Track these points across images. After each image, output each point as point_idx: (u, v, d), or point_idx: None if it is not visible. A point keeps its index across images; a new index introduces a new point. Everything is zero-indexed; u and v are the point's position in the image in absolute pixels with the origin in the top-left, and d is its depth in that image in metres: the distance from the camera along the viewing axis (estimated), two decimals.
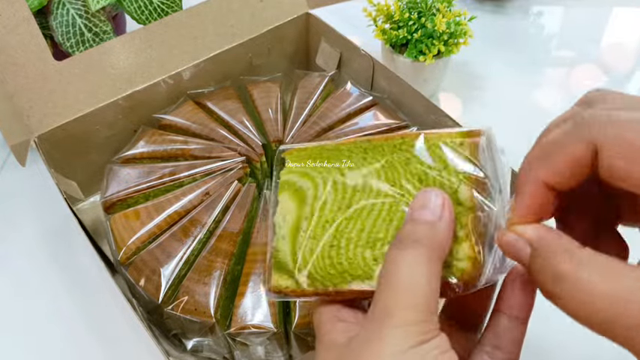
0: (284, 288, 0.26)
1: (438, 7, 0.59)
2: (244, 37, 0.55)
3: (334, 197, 0.26)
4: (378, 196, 0.25)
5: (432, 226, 0.22)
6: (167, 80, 0.51)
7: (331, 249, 0.25)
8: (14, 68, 0.43)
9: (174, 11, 0.56)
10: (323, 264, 0.25)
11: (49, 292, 0.47)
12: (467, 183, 0.23)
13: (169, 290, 0.39)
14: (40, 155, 0.45)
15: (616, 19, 0.77)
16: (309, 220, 0.26)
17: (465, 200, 0.23)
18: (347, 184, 0.26)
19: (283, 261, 0.26)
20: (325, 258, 0.25)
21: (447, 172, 0.24)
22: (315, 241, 0.25)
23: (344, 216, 0.25)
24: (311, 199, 0.26)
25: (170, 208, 0.42)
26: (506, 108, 0.64)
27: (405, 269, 0.22)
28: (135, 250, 0.41)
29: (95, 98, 0.48)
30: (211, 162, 0.45)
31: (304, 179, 0.27)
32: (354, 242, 0.25)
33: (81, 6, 0.54)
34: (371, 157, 0.26)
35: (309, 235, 0.26)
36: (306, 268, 0.25)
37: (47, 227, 0.52)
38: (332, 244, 0.25)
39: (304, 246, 0.26)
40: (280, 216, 0.27)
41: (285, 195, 0.27)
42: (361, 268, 0.24)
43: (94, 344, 0.44)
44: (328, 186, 0.26)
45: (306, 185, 0.27)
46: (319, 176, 0.27)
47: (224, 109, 0.50)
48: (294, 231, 0.26)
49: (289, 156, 0.28)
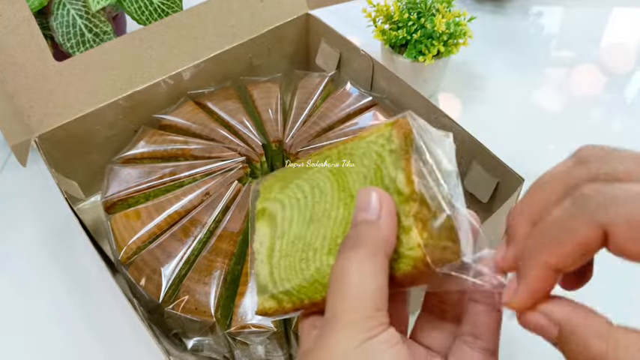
0: (268, 309, 0.27)
1: (438, 8, 0.59)
2: (244, 38, 0.55)
3: (298, 214, 0.27)
4: (332, 202, 0.26)
5: (372, 224, 0.23)
6: (167, 80, 0.52)
7: (301, 262, 0.26)
8: (15, 68, 0.44)
9: (174, 12, 0.56)
10: (296, 278, 0.26)
11: (49, 291, 0.47)
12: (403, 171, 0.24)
13: (170, 290, 0.39)
14: (41, 155, 0.45)
15: (616, 19, 0.77)
16: (281, 239, 0.27)
17: (403, 188, 0.24)
18: (307, 198, 0.27)
19: (263, 284, 0.27)
20: (298, 272, 0.26)
21: (384, 164, 0.25)
22: (288, 259, 0.26)
23: (308, 229, 0.26)
24: (280, 220, 0.28)
25: (170, 208, 0.42)
26: (505, 108, 0.64)
27: (347, 271, 0.22)
28: (135, 250, 0.41)
29: (96, 98, 0.48)
30: (211, 162, 0.45)
31: (274, 203, 0.28)
32: (319, 251, 0.25)
33: (81, 6, 0.54)
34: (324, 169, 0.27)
35: (281, 254, 0.27)
36: (283, 286, 0.26)
37: (48, 227, 0.52)
38: (302, 257, 0.26)
39: (279, 265, 0.27)
40: (257, 242, 0.28)
41: (261, 222, 0.29)
42: (328, 275, 0.25)
43: (95, 344, 0.44)
44: (292, 205, 0.28)
45: (276, 208, 0.28)
46: (285, 198, 0.28)
47: (224, 110, 0.50)
48: (270, 254, 0.27)
49: (262, 187, 0.30)
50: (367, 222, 0.23)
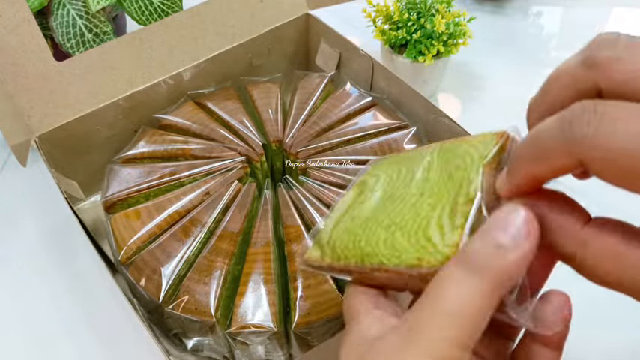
0: (310, 257, 0.28)
1: (437, 8, 0.59)
2: (244, 38, 0.55)
3: (383, 189, 0.28)
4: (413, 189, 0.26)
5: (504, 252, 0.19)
6: (167, 80, 0.52)
7: (359, 228, 0.26)
8: (15, 68, 0.44)
9: (174, 12, 0.56)
10: (347, 239, 0.26)
11: (49, 291, 0.47)
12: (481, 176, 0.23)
13: (170, 290, 0.39)
14: (41, 155, 0.45)
15: (616, 19, 0.77)
16: (357, 206, 0.28)
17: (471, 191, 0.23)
18: (398, 180, 0.28)
19: (322, 236, 0.28)
20: (351, 234, 0.26)
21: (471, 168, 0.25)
22: (353, 222, 0.27)
23: (384, 203, 0.27)
24: (367, 191, 0.29)
25: (170, 208, 0.42)
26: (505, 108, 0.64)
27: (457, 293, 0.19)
28: (135, 250, 0.41)
29: (96, 98, 0.48)
30: (211, 162, 0.45)
31: (372, 178, 0.30)
32: (378, 224, 0.26)
33: (81, 7, 0.54)
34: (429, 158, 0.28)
35: (350, 216, 0.28)
36: (334, 242, 0.27)
37: (48, 227, 0.52)
38: (362, 225, 0.27)
39: (341, 225, 0.28)
40: (339, 203, 0.30)
41: (353, 190, 0.30)
42: (371, 247, 0.25)
43: (95, 343, 0.44)
44: (385, 181, 0.29)
45: (370, 182, 0.30)
46: (383, 175, 0.29)
47: (224, 110, 0.50)
48: (342, 215, 0.29)
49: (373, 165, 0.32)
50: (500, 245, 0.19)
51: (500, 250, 0.19)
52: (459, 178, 0.24)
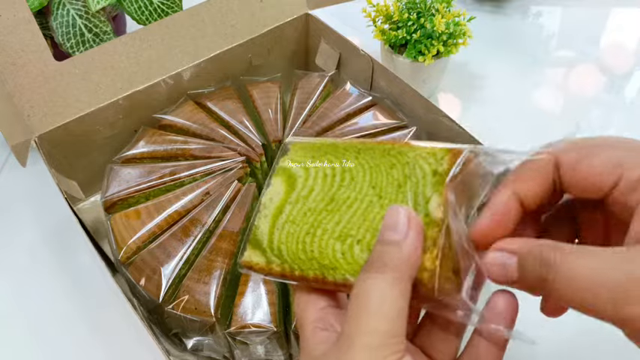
0: (254, 264, 0.27)
1: (437, 8, 0.59)
2: (244, 38, 0.55)
3: (321, 188, 0.27)
4: (359, 194, 0.26)
5: (398, 246, 0.23)
6: (167, 80, 0.52)
7: (306, 236, 0.26)
8: (14, 68, 0.44)
9: (174, 12, 0.56)
10: (295, 248, 0.26)
11: (49, 291, 0.47)
12: (440, 196, 0.24)
13: (170, 289, 0.39)
14: (41, 155, 0.45)
15: (615, 19, 0.77)
16: (293, 205, 0.27)
17: (433, 211, 0.24)
18: (335, 178, 0.27)
19: (259, 239, 0.27)
20: (299, 243, 0.26)
21: (423, 182, 0.25)
22: (294, 226, 0.27)
23: (325, 207, 0.27)
24: (300, 187, 0.28)
25: (170, 208, 0.42)
26: (505, 108, 0.64)
27: (369, 293, 0.22)
28: (135, 250, 0.41)
29: (95, 98, 0.48)
30: (211, 162, 0.45)
31: (299, 168, 0.29)
32: (329, 234, 0.26)
33: (81, 6, 0.54)
34: (362, 157, 0.27)
35: (289, 219, 0.27)
36: (279, 248, 0.26)
37: (48, 227, 0.52)
38: (308, 231, 0.26)
39: (282, 228, 0.27)
40: (268, 197, 0.28)
41: (279, 179, 0.29)
42: (329, 259, 0.25)
43: (95, 343, 0.44)
44: (318, 177, 0.28)
45: (300, 173, 0.28)
46: (313, 167, 0.28)
47: (224, 109, 0.50)
48: (277, 213, 0.28)
49: (293, 147, 0.30)
50: (393, 242, 0.23)
51: (394, 245, 0.23)
52: (411, 190, 0.25)
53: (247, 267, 0.27)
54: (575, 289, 0.21)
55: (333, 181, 0.27)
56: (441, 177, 0.25)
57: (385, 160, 0.27)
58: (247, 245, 0.28)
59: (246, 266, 0.27)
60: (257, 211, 0.28)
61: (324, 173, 0.28)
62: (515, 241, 0.23)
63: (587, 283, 0.20)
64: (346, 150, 0.28)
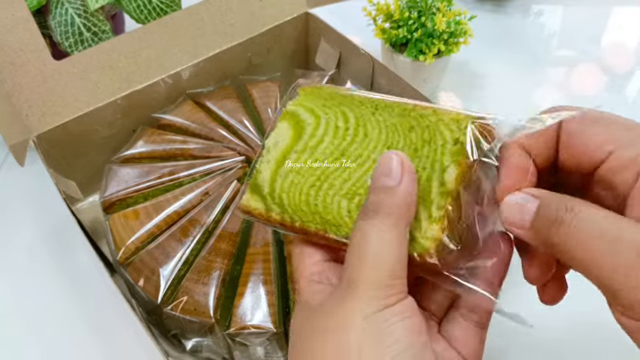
0: (253, 209, 0.26)
1: (438, 7, 0.58)
2: (244, 37, 0.54)
3: (331, 140, 0.26)
4: (372, 152, 0.25)
5: (392, 192, 0.23)
6: (166, 80, 0.51)
7: (311, 188, 0.25)
8: (13, 68, 0.43)
9: (173, 10, 0.56)
10: (299, 199, 0.25)
11: (47, 291, 0.47)
12: (458, 166, 0.23)
13: (168, 290, 0.38)
14: (39, 155, 0.45)
15: (616, 18, 0.77)
16: (300, 154, 0.26)
17: (448, 182, 0.23)
18: (347, 132, 0.26)
19: (260, 184, 0.26)
20: (302, 194, 0.25)
21: (442, 149, 0.24)
22: (299, 176, 0.26)
23: (334, 161, 0.26)
24: (308, 135, 0.27)
25: (169, 208, 0.42)
26: (506, 107, 0.64)
27: (368, 239, 0.23)
28: (134, 250, 0.41)
29: (94, 98, 0.48)
30: (210, 162, 0.45)
31: (309, 114, 0.27)
32: (335, 189, 0.25)
33: (80, 5, 0.54)
34: (379, 114, 0.26)
35: (294, 169, 0.26)
36: (280, 197, 0.26)
37: (46, 227, 0.52)
38: (314, 184, 0.25)
39: (285, 176, 0.26)
40: (272, 140, 0.27)
41: (285, 123, 0.27)
42: (333, 215, 0.25)
43: (93, 344, 0.44)
44: (329, 128, 0.26)
45: (309, 121, 0.27)
46: (324, 116, 0.27)
47: (223, 109, 0.50)
48: (281, 159, 0.27)
49: (303, 91, 0.28)
50: (388, 188, 0.23)
51: (388, 191, 0.23)
52: (428, 157, 0.24)
53: (245, 212, 0.26)
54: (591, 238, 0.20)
55: (345, 134, 0.26)
56: (462, 146, 0.24)
57: (404, 121, 0.25)
58: (247, 189, 0.27)
59: (244, 211, 0.26)
60: (259, 155, 0.27)
61: (336, 125, 0.26)
62: (538, 189, 0.23)
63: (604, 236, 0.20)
64: (362, 104, 0.27)
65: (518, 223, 0.23)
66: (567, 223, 0.21)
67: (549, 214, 0.22)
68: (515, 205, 0.23)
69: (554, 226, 0.21)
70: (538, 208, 0.22)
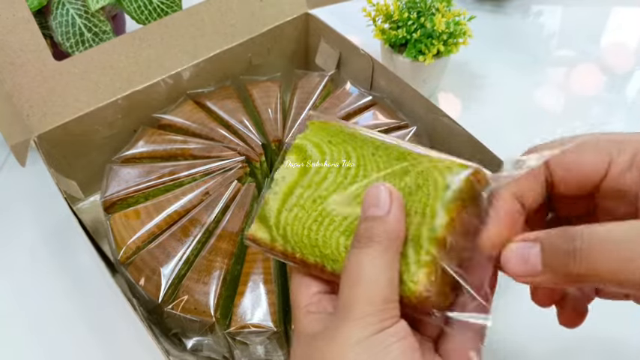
0: (258, 238, 0.28)
1: (438, 7, 0.58)
2: (244, 37, 0.55)
3: (334, 178, 0.27)
4: None
5: (382, 221, 0.24)
6: (167, 80, 0.51)
7: (313, 223, 0.26)
8: (14, 68, 0.43)
9: (173, 11, 0.56)
10: (301, 232, 0.27)
11: (49, 291, 0.47)
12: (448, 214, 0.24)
13: (169, 290, 0.39)
14: (40, 155, 0.45)
15: (616, 18, 0.77)
16: (305, 189, 0.28)
17: (438, 229, 0.24)
18: (349, 171, 0.27)
19: (267, 215, 0.28)
20: (305, 229, 0.27)
21: (434, 195, 0.25)
22: (302, 211, 0.27)
23: (336, 198, 0.27)
24: (313, 171, 0.28)
25: (170, 208, 0.42)
26: (505, 107, 0.64)
27: (361, 265, 0.24)
28: (135, 250, 0.41)
29: (95, 98, 0.48)
30: (211, 161, 0.45)
31: (315, 150, 0.29)
32: (335, 226, 0.26)
33: (80, 6, 0.54)
34: (378, 155, 0.27)
35: (298, 203, 0.27)
36: (284, 229, 0.27)
37: (47, 227, 0.52)
38: (316, 219, 0.27)
39: (291, 210, 0.27)
40: (281, 174, 0.29)
41: (293, 157, 0.29)
42: (331, 250, 0.26)
43: (94, 343, 0.44)
44: (333, 167, 0.28)
45: (315, 156, 0.28)
46: (329, 153, 0.28)
47: (224, 109, 0.50)
48: (288, 193, 0.28)
49: (312, 125, 0.30)
50: (377, 218, 0.24)
51: (378, 219, 0.24)
52: (421, 201, 0.25)
53: (252, 240, 0.28)
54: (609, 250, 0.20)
55: (347, 173, 0.27)
56: (455, 195, 0.24)
57: (400, 164, 0.26)
58: (255, 219, 0.28)
59: (250, 239, 0.28)
60: (268, 186, 0.29)
61: (340, 163, 0.28)
62: (533, 232, 0.23)
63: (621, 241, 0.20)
64: (364, 143, 0.28)
65: (529, 271, 0.23)
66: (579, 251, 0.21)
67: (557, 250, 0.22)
68: (518, 256, 0.23)
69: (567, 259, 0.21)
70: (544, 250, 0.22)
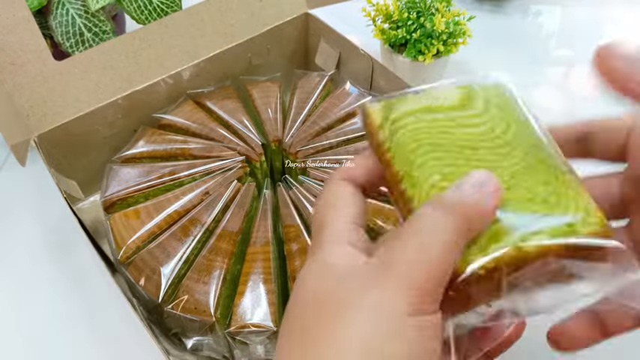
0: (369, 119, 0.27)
1: (437, 7, 0.59)
2: (244, 37, 0.55)
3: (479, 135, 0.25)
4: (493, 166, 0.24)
5: (475, 200, 0.21)
6: (167, 80, 0.51)
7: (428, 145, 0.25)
8: (14, 68, 0.43)
9: (173, 11, 0.56)
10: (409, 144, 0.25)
11: (48, 291, 0.47)
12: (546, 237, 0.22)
13: (169, 289, 0.39)
14: (40, 155, 0.45)
15: (615, 18, 0.77)
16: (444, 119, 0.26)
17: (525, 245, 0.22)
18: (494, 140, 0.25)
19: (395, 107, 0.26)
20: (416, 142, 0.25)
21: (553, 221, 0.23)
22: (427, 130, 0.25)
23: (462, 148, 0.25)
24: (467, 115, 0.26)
25: (170, 208, 0.42)
26: None
27: (429, 229, 0.20)
28: (135, 250, 0.41)
29: (95, 98, 0.48)
30: (211, 161, 0.45)
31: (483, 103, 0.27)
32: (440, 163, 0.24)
33: (80, 6, 0.54)
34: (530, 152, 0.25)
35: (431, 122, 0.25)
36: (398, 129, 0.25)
37: (47, 227, 0.52)
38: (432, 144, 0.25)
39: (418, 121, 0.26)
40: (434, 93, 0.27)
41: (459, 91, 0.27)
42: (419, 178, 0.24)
43: (94, 343, 0.44)
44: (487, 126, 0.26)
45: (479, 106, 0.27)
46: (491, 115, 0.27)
47: (223, 109, 0.50)
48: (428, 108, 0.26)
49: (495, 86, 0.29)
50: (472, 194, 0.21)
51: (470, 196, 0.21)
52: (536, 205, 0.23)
53: (364, 115, 0.27)
54: None
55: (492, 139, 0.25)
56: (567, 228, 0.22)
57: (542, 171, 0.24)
58: (383, 100, 0.27)
59: (364, 113, 0.27)
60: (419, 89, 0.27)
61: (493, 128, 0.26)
62: None
63: None
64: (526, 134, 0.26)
65: None
66: None
67: None
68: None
69: None
70: None
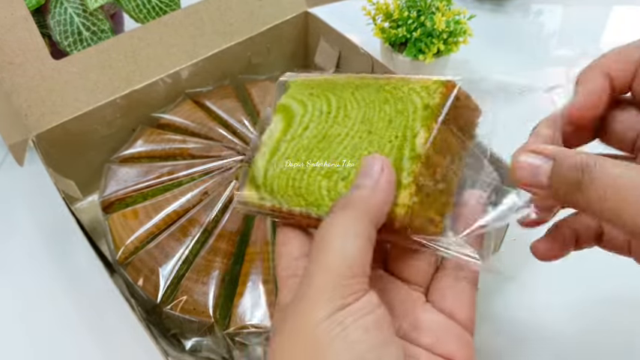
0: (247, 198, 0.27)
1: (438, 6, 0.58)
2: (243, 36, 0.54)
3: (315, 125, 0.27)
4: (350, 130, 0.26)
5: (366, 189, 0.23)
6: (165, 79, 0.51)
7: (297, 173, 0.26)
8: (12, 67, 0.43)
9: (172, 10, 0.56)
10: (285, 184, 0.26)
11: (46, 291, 0.47)
12: (427, 130, 0.24)
13: (168, 290, 0.38)
14: (38, 154, 0.45)
15: (616, 18, 0.77)
16: (289, 142, 0.28)
17: (418, 146, 0.24)
18: (329, 115, 0.27)
19: (256, 175, 0.28)
20: (290, 179, 0.26)
21: (413, 116, 0.25)
22: (287, 162, 0.27)
23: (317, 144, 0.27)
24: (297, 124, 0.28)
25: (168, 208, 0.42)
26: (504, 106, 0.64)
27: (331, 232, 0.22)
28: (133, 250, 0.41)
29: (93, 97, 0.48)
30: (210, 161, 0.45)
31: (297, 105, 0.29)
32: (317, 170, 0.26)
33: (79, 4, 0.54)
34: (358, 93, 0.27)
35: (283, 156, 0.27)
36: (271, 185, 0.27)
37: (45, 227, 0.52)
38: (300, 168, 0.26)
39: (277, 165, 0.27)
40: (267, 135, 0.29)
41: (278, 117, 0.29)
42: (314, 196, 0.25)
43: (92, 344, 0.44)
44: (314, 114, 0.28)
45: (297, 111, 0.28)
46: (310, 104, 0.28)
47: (222, 108, 0.50)
48: (274, 150, 0.28)
49: (293, 84, 0.30)
50: (363, 186, 0.23)
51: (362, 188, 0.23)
52: (401, 125, 0.25)
53: (241, 202, 0.28)
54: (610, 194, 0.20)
55: (327, 117, 0.27)
56: (431, 111, 0.24)
57: (380, 96, 0.26)
58: (245, 181, 0.28)
59: (240, 202, 0.28)
60: (257, 149, 0.28)
61: (320, 110, 0.27)
62: (551, 147, 0.23)
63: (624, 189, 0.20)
64: (344, 87, 0.28)
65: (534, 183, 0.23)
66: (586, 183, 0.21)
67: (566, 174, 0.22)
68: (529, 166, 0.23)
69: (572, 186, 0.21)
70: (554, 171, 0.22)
